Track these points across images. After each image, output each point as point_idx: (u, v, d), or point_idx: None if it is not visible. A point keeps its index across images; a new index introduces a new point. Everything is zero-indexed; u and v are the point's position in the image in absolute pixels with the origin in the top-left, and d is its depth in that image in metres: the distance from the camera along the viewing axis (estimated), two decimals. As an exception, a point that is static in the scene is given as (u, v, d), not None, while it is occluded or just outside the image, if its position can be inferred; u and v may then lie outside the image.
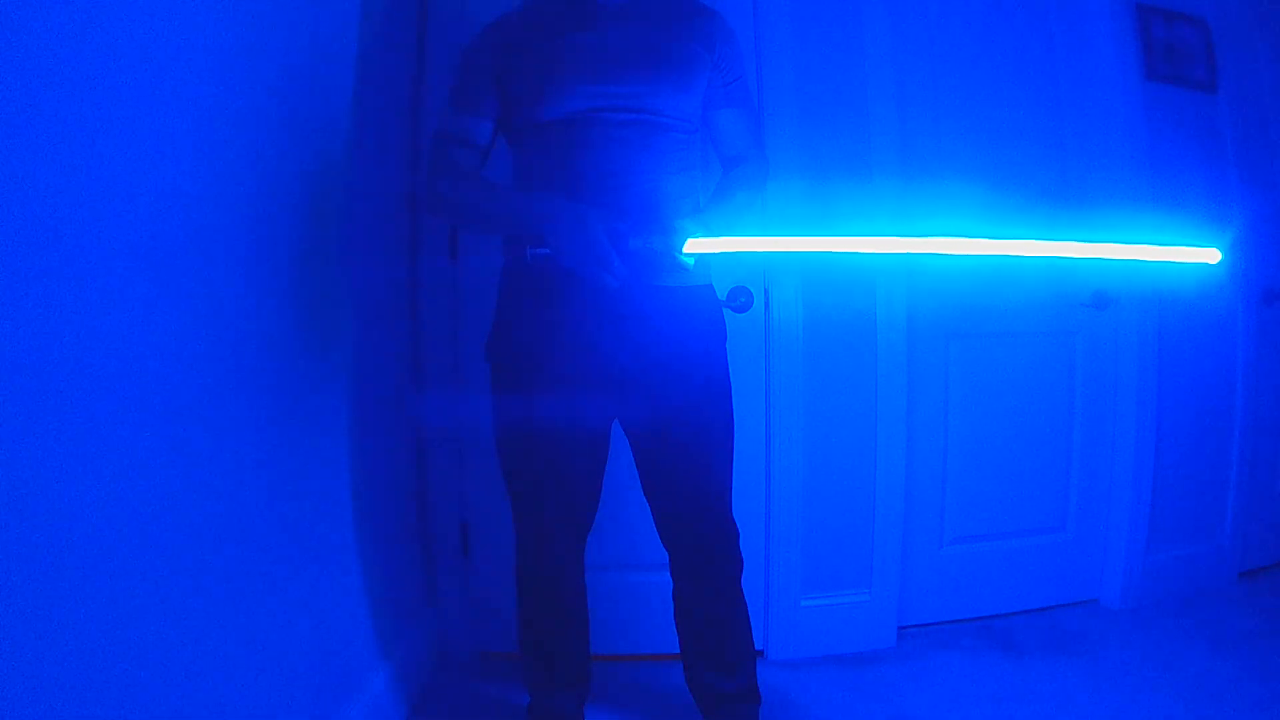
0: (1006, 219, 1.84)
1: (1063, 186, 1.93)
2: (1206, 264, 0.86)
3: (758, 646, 1.46)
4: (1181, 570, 2.03)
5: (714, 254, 1.19)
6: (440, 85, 1.32)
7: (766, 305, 1.71)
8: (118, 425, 0.75)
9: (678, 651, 1.36)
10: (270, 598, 1.05)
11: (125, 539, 0.76)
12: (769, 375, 1.72)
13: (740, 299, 1.49)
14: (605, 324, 1.17)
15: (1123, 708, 1.52)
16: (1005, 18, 1.88)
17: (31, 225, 0.64)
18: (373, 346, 1.47)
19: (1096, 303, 1.92)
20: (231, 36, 0.95)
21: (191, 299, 0.88)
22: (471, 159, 1.21)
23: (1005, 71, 1.88)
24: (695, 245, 1.06)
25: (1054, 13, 1.92)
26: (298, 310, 1.15)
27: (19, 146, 0.63)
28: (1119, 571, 1.97)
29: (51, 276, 0.66)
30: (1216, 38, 2.03)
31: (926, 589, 1.89)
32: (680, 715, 1.49)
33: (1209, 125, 2.02)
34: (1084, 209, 1.93)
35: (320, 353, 1.23)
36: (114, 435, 0.75)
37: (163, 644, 0.82)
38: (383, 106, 1.48)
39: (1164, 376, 1.96)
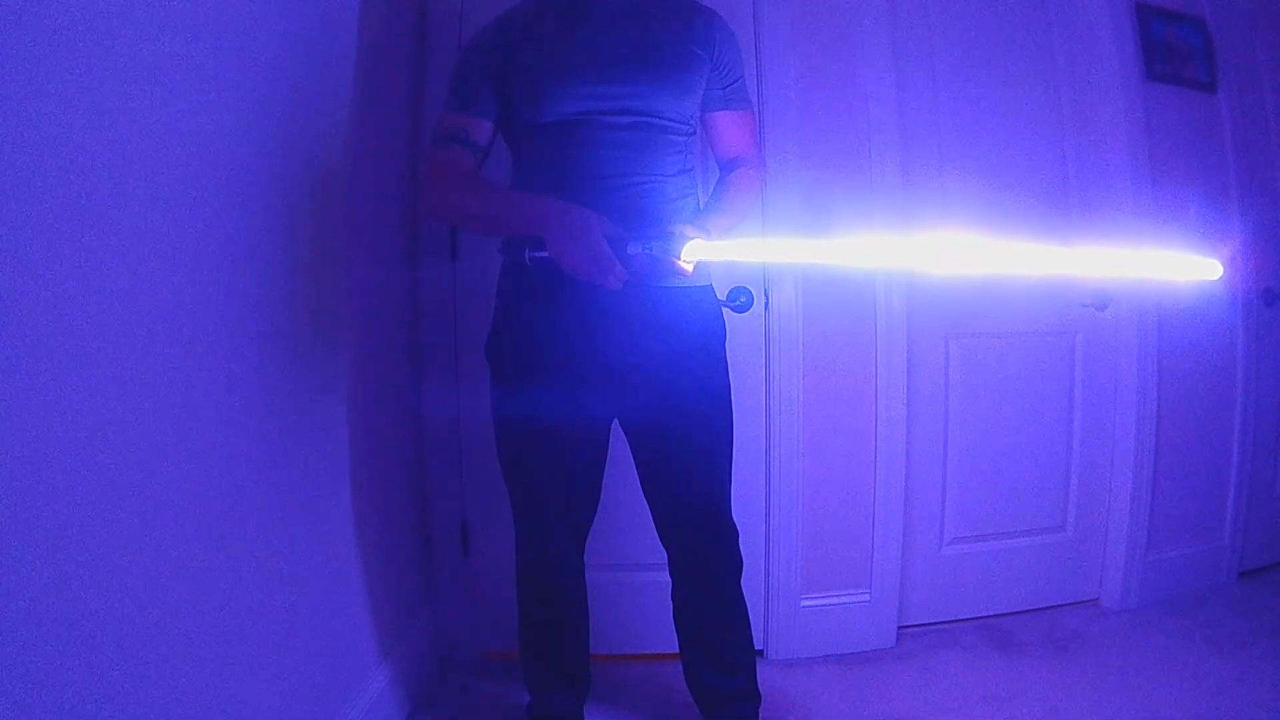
0: (1006, 221, 1.84)
1: (1063, 186, 1.93)
2: (1207, 278, 0.85)
3: (758, 646, 1.45)
4: (1181, 570, 2.02)
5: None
6: (441, 86, 1.32)
7: (766, 305, 1.71)
8: (118, 424, 0.75)
9: (678, 651, 1.36)
10: (271, 597, 1.05)
11: (125, 536, 0.76)
12: (769, 375, 1.72)
13: (740, 299, 1.49)
14: (604, 324, 1.17)
15: (1123, 708, 1.52)
16: (1005, 18, 1.88)
17: (44, 225, 0.64)
18: (373, 347, 1.47)
19: (1096, 303, 1.92)
20: (231, 39, 0.95)
21: (193, 300, 0.88)
22: (471, 159, 1.20)
23: (1005, 71, 1.88)
24: (695, 252, 1.06)
25: (1054, 13, 1.92)
26: (298, 311, 1.15)
27: (26, 147, 0.63)
28: (1119, 571, 1.97)
29: (63, 276, 0.67)
30: (1216, 38, 2.03)
31: (926, 589, 1.89)
32: (680, 715, 1.49)
33: (1209, 125, 2.02)
34: (1084, 209, 1.93)
35: (321, 353, 1.23)
36: (115, 433, 0.75)
37: (162, 643, 0.82)
38: (384, 107, 1.49)
39: (1164, 376, 1.96)
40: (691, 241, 1.06)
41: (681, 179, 1.23)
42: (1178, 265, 0.85)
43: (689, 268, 1.08)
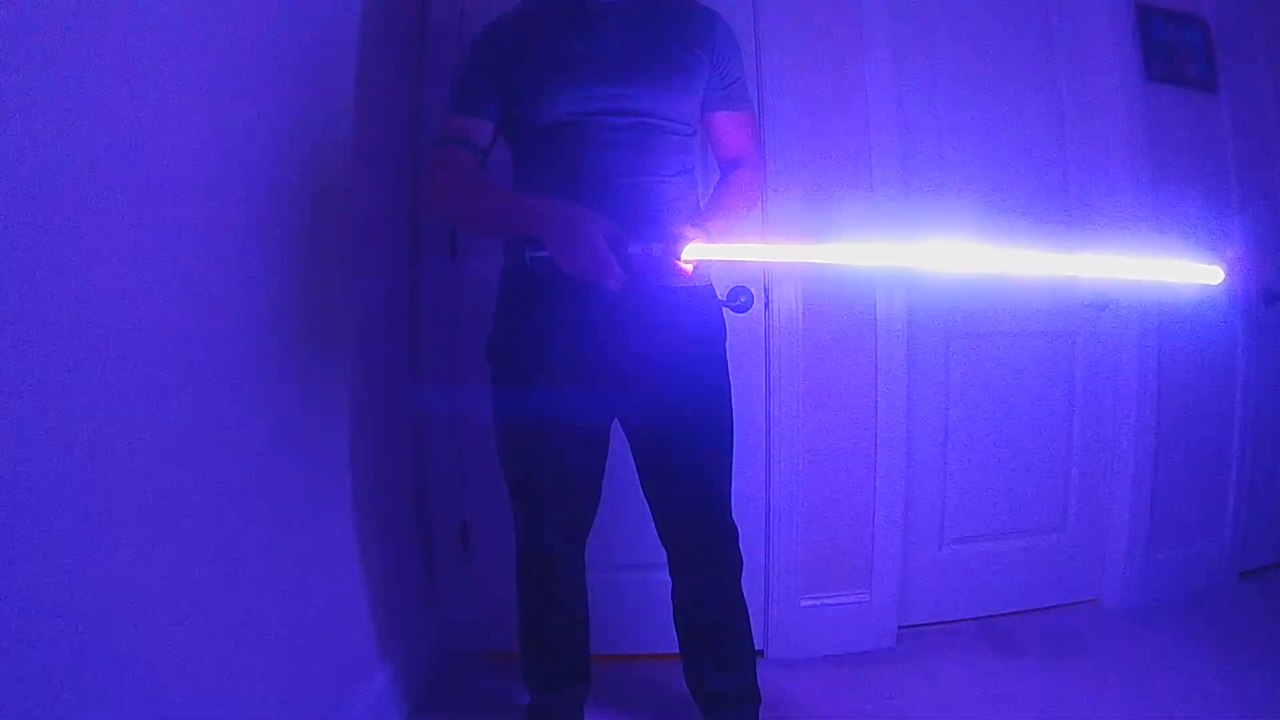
0: (1006, 221, 1.84)
1: (1063, 187, 1.93)
2: (1208, 284, 0.84)
3: (758, 646, 1.45)
4: (1181, 570, 2.02)
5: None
6: (441, 87, 1.32)
7: (766, 305, 1.71)
8: (118, 425, 0.75)
9: (678, 651, 1.36)
10: (271, 597, 1.06)
11: (125, 537, 0.76)
12: (769, 375, 1.72)
13: (740, 299, 1.49)
14: (604, 324, 1.17)
15: (1122, 708, 1.52)
16: (1005, 18, 1.88)
17: (48, 227, 0.64)
18: (374, 346, 1.47)
19: (1096, 303, 1.92)
20: (232, 41, 0.95)
21: (192, 301, 0.88)
22: (471, 160, 1.21)
23: (1005, 71, 1.88)
24: (695, 252, 1.06)
25: (1054, 13, 1.92)
26: (299, 311, 1.15)
27: (31, 149, 0.63)
28: (1119, 571, 1.97)
29: (65, 279, 0.67)
30: (1216, 38, 2.02)
31: (926, 589, 1.89)
32: (680, 715, 1.48)
33: (1209, 125, 2.02)
34: (1084, 210, 1.93)
35: (322, 353, 1.23)
36: (115, 435, 0.75)
37: (163, 643, 0.82)
38: (384, 108, 1.49)
39: (1164, 376, 1.96)
40: (692, 242, 1.06)
41: (682, 179, 1.23)
42: (1179, 271, 0.85)
43: (689, 268, 1.08)
